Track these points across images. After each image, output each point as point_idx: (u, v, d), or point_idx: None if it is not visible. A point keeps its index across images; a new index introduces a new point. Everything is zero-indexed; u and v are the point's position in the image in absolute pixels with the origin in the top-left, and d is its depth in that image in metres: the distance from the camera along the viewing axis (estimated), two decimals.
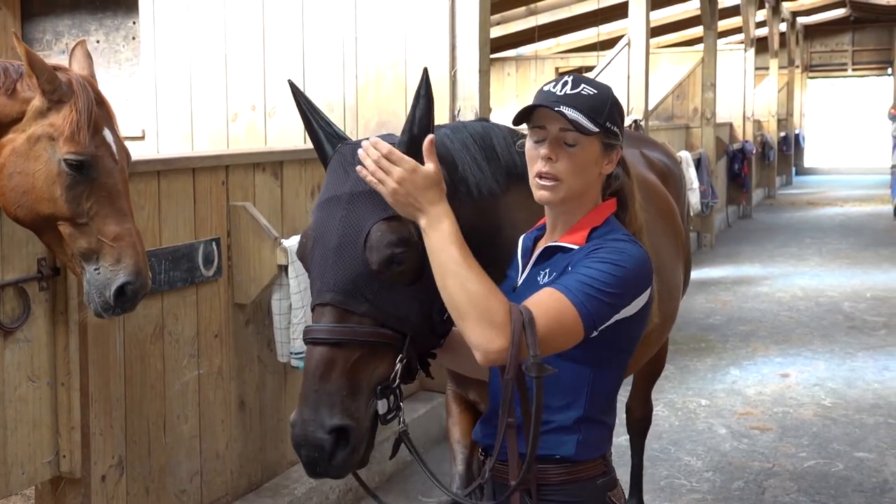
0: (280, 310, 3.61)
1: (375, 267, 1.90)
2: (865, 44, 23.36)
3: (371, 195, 1.91)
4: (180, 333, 3.36)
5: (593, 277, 1.85)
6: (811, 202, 17.39)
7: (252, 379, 3.73)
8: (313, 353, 1.90)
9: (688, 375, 6.07)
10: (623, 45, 8.56)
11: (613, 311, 1.88)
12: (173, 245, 3.29)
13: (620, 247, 1.91)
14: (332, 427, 1.86)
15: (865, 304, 8.32)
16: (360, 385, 1.90)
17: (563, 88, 1.96)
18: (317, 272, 1.95)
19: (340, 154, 2.03)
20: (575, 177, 1.94)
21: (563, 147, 1.94)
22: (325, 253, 1.93)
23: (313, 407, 1.87)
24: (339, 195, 1.96)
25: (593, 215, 2.01)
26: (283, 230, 3.84)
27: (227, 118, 5.39)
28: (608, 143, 1.97)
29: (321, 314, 1.92)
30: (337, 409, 1.86)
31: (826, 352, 6.74)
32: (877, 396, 5.71)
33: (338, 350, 1.89)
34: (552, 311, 1.80)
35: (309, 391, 1.88)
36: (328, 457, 1.87)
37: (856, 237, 12.54)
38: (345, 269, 1.90)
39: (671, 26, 16.97)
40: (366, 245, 1.90)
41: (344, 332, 1.89)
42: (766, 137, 17.32)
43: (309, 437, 1.86)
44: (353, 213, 1.93)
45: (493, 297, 1.77)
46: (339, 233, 1.92)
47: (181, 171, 3.37)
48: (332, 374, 1.88)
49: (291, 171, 3.97)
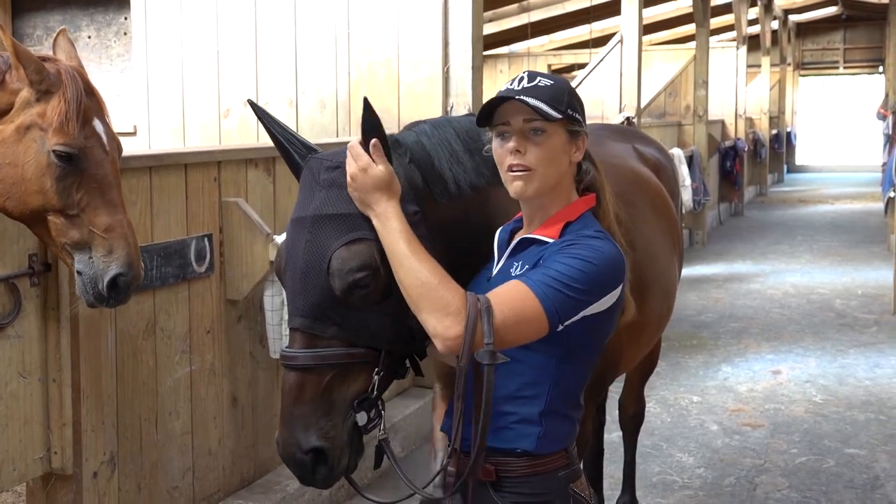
0: (272, 306, 3.60)
1: (339, 293, 1.93)
2: (857, 42, 23.43)
3: (334, 218, 1.96)
4: (172, 329, 3.35)
5: (561, 272, 1.86)
6: (803, 200, 17.43)
7: (244, 375, 3.72)
8: (287, 378, 1.96)
9: (680, 372, 6.08)
10: (615, 42, 8.57)
11: (580, 306, 1.88)
12: (165, 241, 3.28)
13: (593, 243, 1.92)
14: (307, 448, 1.94)
15: (856, 302, 8.35)
16: (334, 404, 1.96)
17: (519, 83, 1.99)
18: (289, 295, 2.01)
19: (308, 168, 2.06)
20: (546, 165, 1.96)
21: (529, 138, 1.96)
22: (293, 277, 1.98)
23: (290, 428, 1.94)
24: (304, 217, 2.00)
25: (569, 210, 2.02)
26: (275, 226, 3.83)
27: (220, 114, 5.38)
28: (573, 129, 1.99)
29: (293, 339, 1.98)
30: (312, 431, 1.93)
31: (817, 349, 6.76)
32: (868, 393, 5.72)
33: (308, 374, 1.95)
34: (513, 302, 1.83)
35: (286, 413, 1.96)
36: (310, 473, 1.96)
37: (847, 234, 12.58)
38: (310, 294, 1.94)
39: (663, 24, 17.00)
40: (328, 272, 1.93)
41: (313, 358, 1.95)
42: (758, 135, 17.36)
43: (289, 458, 1.96)
44: (317, 238, 1.96)
45: (446, 287, 1.83)
46: (304, 258, 1.96)
47: (173, 167, 3.35)
48: (304, 397, 1.94)
49: (284, 167, 3.94)
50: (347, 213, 1.97)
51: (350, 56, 5.02)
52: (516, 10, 14.07)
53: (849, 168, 24.71)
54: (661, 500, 4.21)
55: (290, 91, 5.18)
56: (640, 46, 8.53)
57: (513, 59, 16.06)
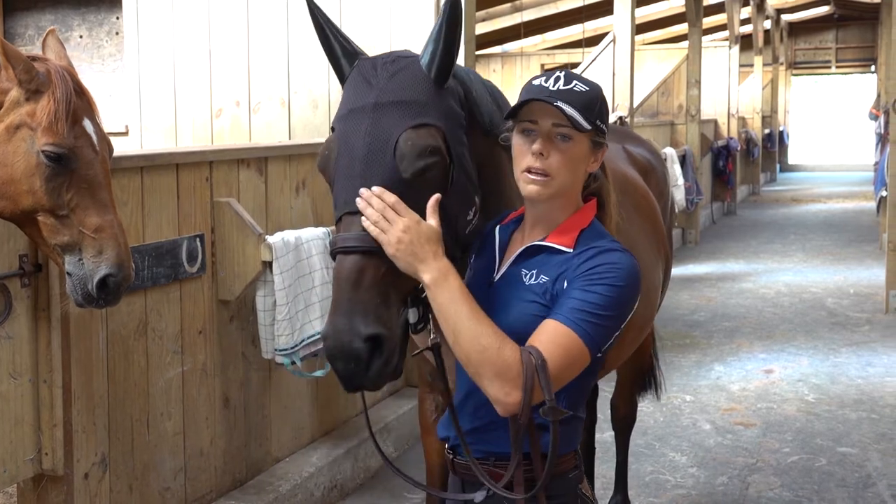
0: (264, 306, 3.60)
1: (407, 175, 1.90)
2: (849, 41, 23.49)
3: (397, 105, 1.94)
4: (164, 330, 3.34)
5: (594, 303, 1.84)
6: (795, 199, 17.47)
7: (236, 376, 3.71)
8: (345, 262, 1.87)
9: (672, 371, 6.09)
10: (608, 41, 8.57)
11: (615, 330, 1.90)
12: (156, 241, 3.27)
13: (613, 260, 1.90)
14: (366, 335, 1.81)
15: (848, 301, 8.37)
16: (390, 294, 1.88)
17: (556, 84, 1.94)
18: (343, 182, 1.93)
19: (359, 68, 2.04)
20: (566, 173, 1.93)
21: (555, 143, 1.92)
22: (351, 163, 1.92)
23: (347, 315, 1.82)
24: (363, 106, 1.96)
25: (580, 216, 1.99)
26: (267, 226, 3.82)
27: (212, 114, 5.37)
28: (597, 141, 1.96)
29: (350, 223, 1.90)
30: (371, 318, 1.83)
31: (810, 348, 6.77)
32: (860, 392, 5.74)
33: (369, 258, 1.86)
34: (562, 349, 1.81)
35: (341, 300, 1.84)
36: (364, 367, 1.83)
37: (839, 233, 12.60)
38: (373, 177, 1.89)
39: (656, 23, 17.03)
40: (395, 154, 1.90)
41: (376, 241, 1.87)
42: (751, 134, 17.40)
43: (344, 348, 1.81)
44: (380, 123, 1.92)
45: (503, 347, 1.78)
46: (367, 142, 1.92)
47: (164, 167, 3.35)
48: (363, 282, 1.84)
49: (276, 166, 3.96)
50: (411, 99, 1.95)
51: None
52: (509, 10, 14.08)
53: (841, 167, 24.78)
54: (654, 499, 4.22)
55: (283, 91, 5.17)
56: (633, 46, 8.53)
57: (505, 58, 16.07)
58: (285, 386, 4.00)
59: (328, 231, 3.89)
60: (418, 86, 1.99)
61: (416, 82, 1.99)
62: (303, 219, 4.09)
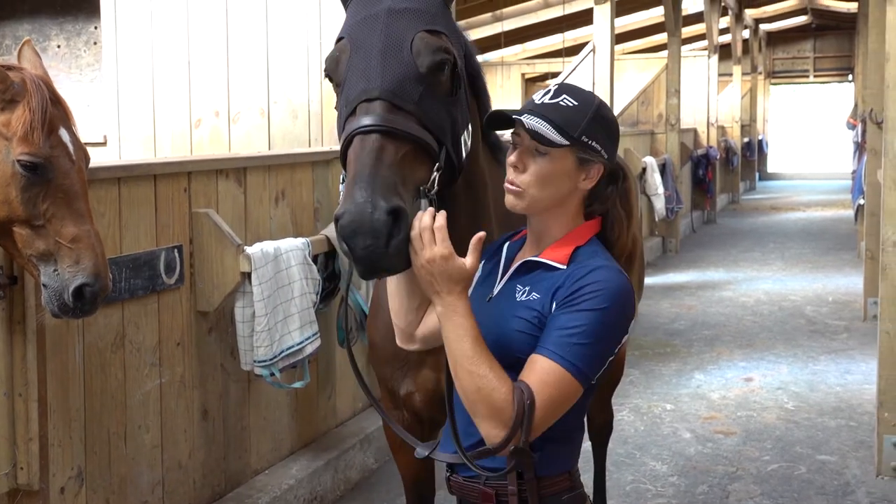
0: (243, 317, 3.58)
1: (424, 70, 1.97)
2: (826, 51, 23.69)
3: (410, 11, 2.02)
4: (141, 342, 3.31)
5: (578, 331, 1.83)
6: (774, 207, 17.58)
7: (215, 387, 3.69)
8: (366, 142, 1.89)
9: (653, 380, 6.10)
10: (588, 51, 8.61)
11: (607, 354, 1.89)
12: (134, 253, 3.25)
13: (598, 279, 1.87)
14: (389, 208, 1.80)
15: (827, 308, 8.42)
16: (407, 178, 1.91)
17: (543, 97, 1.96)
18: (357, 76, 1.98)
19: None
20: (537, 188, 1.92)
21: (532, 156, 1.92)
22: (367, 58, 1.97)
23: (368, 190, 1.81)
24: (375, 13, 2.03)
25: (576, 234, 1.98)
26: (246, 237, 3.80)
27: (191, 124, 5.35)
28: (583, 157, 1.94)
29: (369, 109, 1.93)
30: (392, 192, 1.83)
31: (789, 356, 6.80)
32: (839, 400, 5.77)
33: (390, 139, 1.90)
34: (550, 388, 1.82)
35: (361, 176, 1.83)
36: (384, 243, 1.80)
37: (818, 242, 12.69)
38: (393, 70, 1.95)
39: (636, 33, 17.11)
40: (412, 50, 1.97)
41: (397, 123, 1.91)
42: (730, 143, 17.50)
43: (365, 220, 1.79)
44: (394, 24, 2.00)
45: (500, 390, 1.80)
46: (383, 40, 1.98)
47: (142, 178, 3.33)
48: (384, 160, 1.87)
49: (255, 177, 3.95)
50: (423, 9, 2.04)
51: (322, 66, 5.00)
52: (490, 20, 14.12)
53: (819, 176, 24.94)
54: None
55: (262, 100, 5.16)
56: (613, 55, 8.57)
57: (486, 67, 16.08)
58: (264, 398, 3.98)
59: (307, 241, 3.88)
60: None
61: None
62: (282, 229, 4.08)
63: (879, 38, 6.98)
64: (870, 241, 7.76)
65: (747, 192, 20.72)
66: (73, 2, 6.50)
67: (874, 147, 7.56)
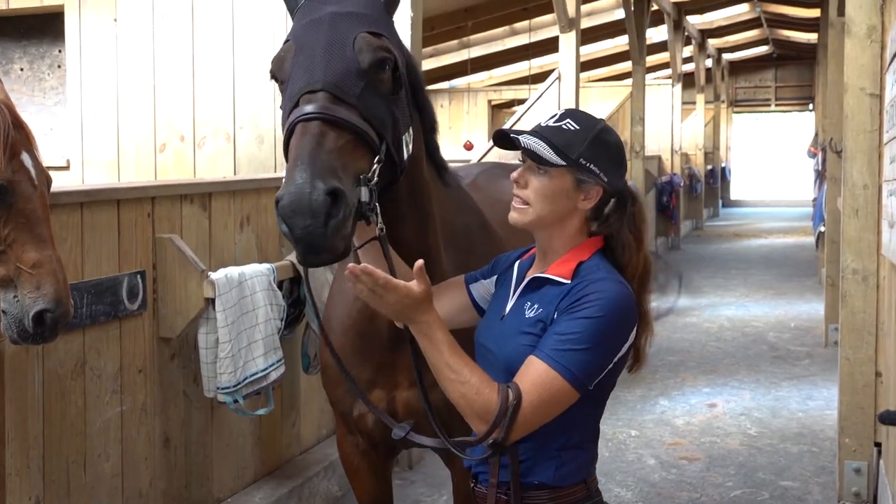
0: (206, 344, 3.55)
1: (365, 66, 2.04)
2: (787, 80, 24.11)
3: (353, 15, 2.09)
4: (102, 369, 3.27)
5: (572, 336, 1.90)
6: (737, 234, 17.77)
7: (177, 415, 3.65)
8: (308, 128, 1.94)
9: (618, 406, 6.12)
10: (554, 78, 8.68)
11: (605, 363, 1.94)
12: (96, 278, 3.21)
13: (597, 290, 1.94)
14: (327, 189, 1.86)
15: (789, 335, 8.51)
16: (348, 165, 1.95)
17: (548, 120, 2.07)
18: (301, 71, 2.03)
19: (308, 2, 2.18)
20: (540, 203, 2.02)
21: (534, 174, 2.03)
22: (311, 54, 2.04)
23: (308, 172, 1.87)
24: (320, 17, 2.10)
25: (579, 250, 2.05)
26: (210, 263, 3.78)
27: (155, 148, 5.32)
28: (581, 178, 2.02)
29: (311, 99, 1.98)
30: (331, 175, 1.89)
31: (752, 382, 6.86)
32: (801, 426, 5.82)
33: (331, 127, 1.95)
34: (540, 389, 1.88)
35: (301, 159, 1.89)
36: (322, 223, 1.85)
37: (780, 268, 12.84)
38: (335, 64, 2.02)
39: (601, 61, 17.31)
40: (354, 47, 2.05)
41: (339, 112, 1.97)
42: (694, 170, 17.71)
43: (304, 200, 1.84)
44: (338, 26, 2.08)
45: (483, 391, 1.88)
46: (327, 37, 2.07)
47: (105, 203, 3.30)
48: (325, 146, 1.93)
49: (220, 202, 3.93)
50: (366, 13, 2.12)
51: None
52: (456, 46, 14.22)
53: (781, 203, 25.30)
54: None
55: (228, 125, 5.15)
56: (578, 83, 8.65)
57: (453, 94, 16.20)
58: (227, 425, 3.94)
59: (272, 267, 3.86)
60: (371, 4, 2.17)
61: (370, 2, 2.16)
62: (247, 255, 4.05)
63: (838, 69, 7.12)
64: (830, 268, 7.87)
65: (711, 219, 20.94)
66: (36, 25, 6.45)
67: (834, 175, 7.69)
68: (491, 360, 2.07)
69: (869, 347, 4.36)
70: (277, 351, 3.74)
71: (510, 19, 13.10)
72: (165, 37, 5.29)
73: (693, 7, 15.21)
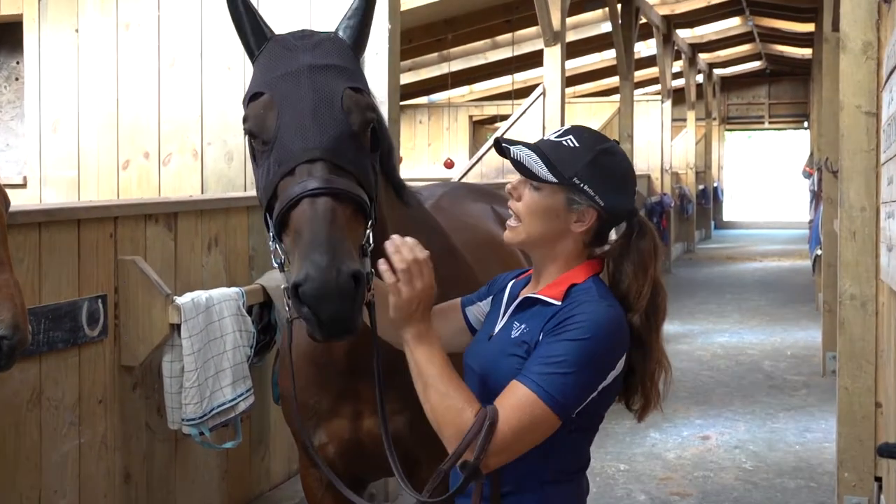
0: (171, 372, 3.53)
1: (356, 128, 2.06)
2: (781, 97, 24.34)
3: (333, 67, 2.09)
4: (60, 399, 3.25)
5: (555, 360, 1.90)
6: (730, 257, 17.88)
7: (139, 448, 3.63)
8: (317, 205, 1.94)
9: (606, 439, 6.12)
10: (538, 94, 8.74)
11: (590, 389, 1.94)
12: (54, 303, 3.20)
13: (582, 311, 1.94)
14: (352, 272, 1.88)
15: (786, 363, 8.55)
16: (353, 239, 1.98)
17: (552, 134, 2.09)
18: (292, 134, 2.02)
19: (276, 41, 2.17)
20: (531, 219, 2.03)
21: (528, 187, 2.04)
22: (300, 115, 2.03)
23: (329, 254, 1.88)
24: (297, 69, 2.08)
25: (576, 272, 2.06)
26: (176, 286, 3.77)
27: (118, 165, 5.31)
28: (573, 199, 2.02)
29: (311, 170, 1.98)
30: (350, 256, 1.91)
31: (747, 413, 6.89)
32: (798, 459, 5.84)
33: (338, 202, 1.97)
34: (519, 412, 1.88)
35: (319, 241, 1.89)
36: (350, 304, 1.88)
37: (775, 293, 12.92)
38: (327, 127, 2.02)
39: (587, 76, 17.45)
40: (343, 107, 2.05)
41: (344, 185, 1.98)
42: (685, 190, 17.84)
43: (331, 285, 1.85)
44: (321, 81, 2.06)
45: (466, 412, 1.89)
46: (313, 98, 2.04)
47: (65, 223, 3.29)
48: (338, 222, 1.94)
49: (186, 222, 3.92)
50: (343, 65, 2.12)
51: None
52: (436, 59, 14.30)
53: (776, 224, 25.48)
54: None
55: (195, 141, 5.15)
56: (564, 98, 8.73)
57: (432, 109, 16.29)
58: (192, 459, 3.92)
59: (241, 291, 3.86)
60: (345, 54, 2.17)
61: (342, 51, 2.17)
62: (214, 278, 4.05)
63: (833, 86, 7.21)
64: (827, 293, 7.93)
65: (703, 241, 21.07)
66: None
67: (830, 196, 7.77)
68: (476, 381, 2.07)
69: (868, 377, 4.38)
70: (246, 380, 3.73)
71: (492, 32, 13.20)
72: (130, 49, 5.29)
73: (683, 20, 15.38)
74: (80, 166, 5.38)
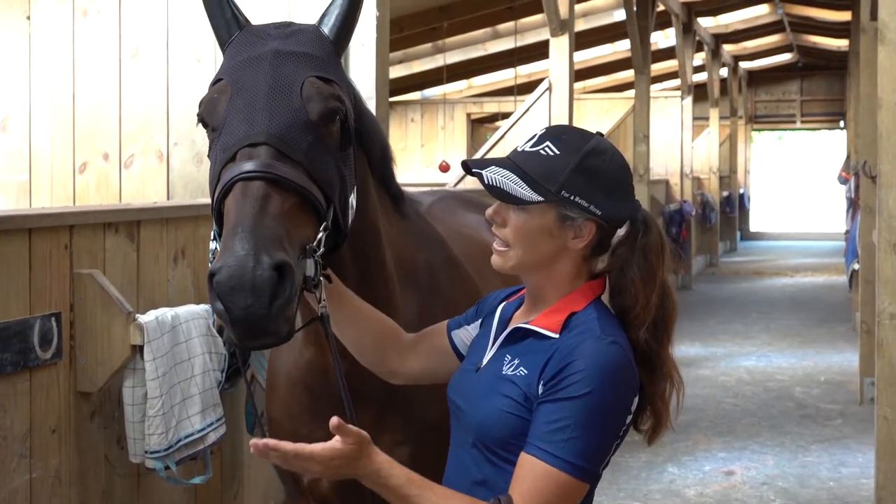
0: (133, 399, 3.54)
1: (314, 117, 2.05)
2: (815, 93, 24.38)
3: (300, 55, 2.10)
4: (9, 429, 3.26)
5: (569, 426, 1.87)
6: (758, 272, 17.92)
7: (97, 483, 3.63)
8: (249, 189, 1.94)
9: (619, 474, 6.13)
10: (543, 89, 8.77)
11: (611, 441, 1.94)
12: (3, 321, 3.21)
13: (583, 359, 1.90)
14: (274, 263, 1.85)
15: (819, 390, 8.57)
16: (292, 233, 1.95)
17: (525, 144, 2.03)
18: (239, 119, 2.04)
19: (249, 29, 2.20)
20: (520, 244, 2.00)
21: (512, 209, 1.99)
22: (252, 100, 2.04)
23: (250, 242, 1.85)
24: (260, 54, 2.11)
25: (573, 298, 2.02)
26: (138, 303, 3.78)
27: (74, 168, 5.32)
28: (565, 213, 1.98)
29: (253, 154, 1.99)
30: (277, 246, 1.88)
31: (776, 445, 6.90)
32: (832, 497, 5.85)
33: (275, 188, 1.95)
34: (544, 493, 1.86)
35: (243, 226, 1.87)
36: (267, 303, 1.83)
37: (808, 312, 12.95)
38: (280, 114, 2.03)
39: (598, 69, 17.50)
40: (302, 94, 2.05)
41: (284, 172, 1.96)
42: (707, 197, 17.88)
43: (246, 276, 1.81)
44: (283, 68, 2.08)
45: None
46: (270, 82, 2.06)
47: (14, 233, 3.30)
48: (269, 210, 1.92)
49: (150, 231, 3.94)
50: (313, 53, 2.13)
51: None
52: (430, 51, 14.34)
53: (809, 236, 25.54)
54: None
55: (161, 141, 5.16)
56: (572, 94, 8.75)
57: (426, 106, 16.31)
58: (157, 495, 3.92)
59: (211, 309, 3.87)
60: (319, 44, 2.18)
61: (317, 40, 2.17)
62: (182, 294, 4.06)
63: (871, 81, 7.24)
64: (865, 311, 7.95)
65: (727, 254, 21.12)
66: None
67: (868, 204, 7.79)
68: (461, 420, 2.06)
69: None
70: (217, 408, 3.74)
71: (493, 20, 13.25)
72: (88, 38, 5.30)
73: (705, 8, 15.44)
74: (31, 169, 5.39)
